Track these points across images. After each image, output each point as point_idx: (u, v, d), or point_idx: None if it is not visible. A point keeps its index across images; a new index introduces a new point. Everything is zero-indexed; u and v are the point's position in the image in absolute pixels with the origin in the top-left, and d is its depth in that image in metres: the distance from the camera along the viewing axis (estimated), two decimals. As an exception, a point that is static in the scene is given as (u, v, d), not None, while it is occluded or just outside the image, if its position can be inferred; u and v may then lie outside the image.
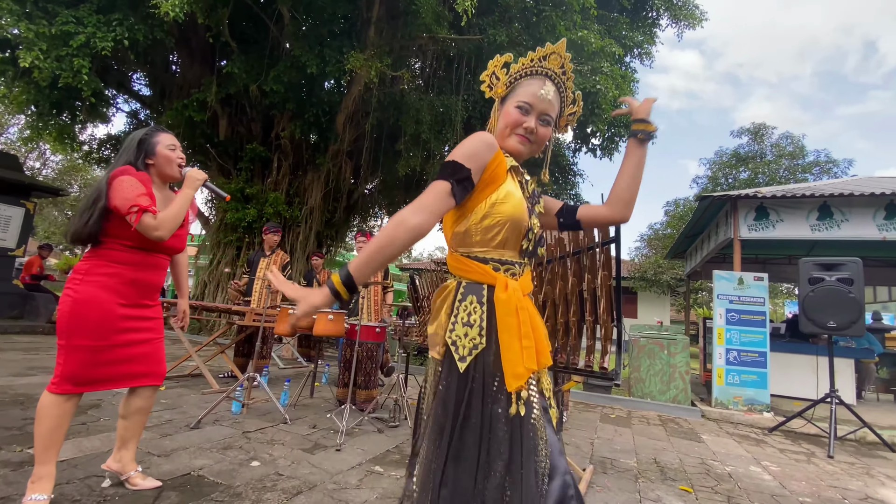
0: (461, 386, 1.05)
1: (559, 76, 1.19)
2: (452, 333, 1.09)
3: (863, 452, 4.03)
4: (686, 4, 9.05)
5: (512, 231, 1.10)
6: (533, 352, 1.06)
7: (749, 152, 17.95)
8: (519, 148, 1.15)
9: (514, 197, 1.11)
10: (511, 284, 1.09)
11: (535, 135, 1.15)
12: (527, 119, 1.14)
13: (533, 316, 1.11)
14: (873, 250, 7.83)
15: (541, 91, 1.14)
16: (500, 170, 1.11)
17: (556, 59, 1.17)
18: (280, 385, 4.07)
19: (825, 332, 4.18)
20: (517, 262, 1.14)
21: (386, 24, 7.93)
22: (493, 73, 1.20)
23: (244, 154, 8.97)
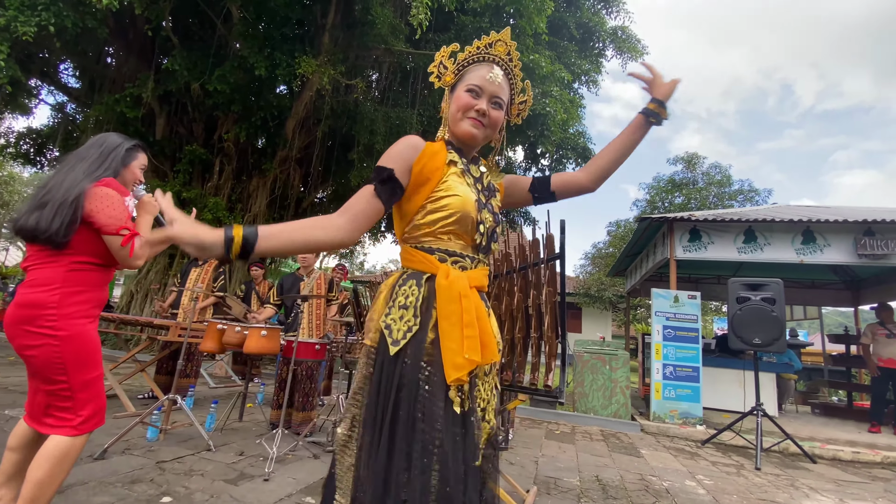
0: (392, 371, 0.98)
1: (506, 62, 1.18)
2: (388, 318, 1.03)
3: (786, 464, 4.28)
4: (629, 38, 9.65)
5: (459, 224, 1.07)
6: (476, 342, 0.99)
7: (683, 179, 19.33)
8: (472, 131, 1.12)
9: (457, 190, 1.07)
10: (454, 273, 1.04)
11: (488, 118, 1.12)
12: (478, 102, 1.12)
13: (479, 307, 1.05)
14: (791, 272, 8.57)
15: (489, 74, 1.13)
16: (433, 164, 1.08)
17: (503, 46, 1.17)
18: (206, 407, 3.73)
19: (751, 348, 4.45)
20: (468, 255, 1.10)
21: (341, 33, 7.80)
22: (441, 63, 1.18)
23: (183, 155, 8.40)
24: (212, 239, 0.85)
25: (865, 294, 8.88)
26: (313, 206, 11.32)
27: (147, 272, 8.48)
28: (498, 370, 1.18)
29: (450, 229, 1.07)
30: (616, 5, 9.70)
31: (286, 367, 3.45)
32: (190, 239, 0.84)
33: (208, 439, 2.93)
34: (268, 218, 9.42)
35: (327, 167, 10.12)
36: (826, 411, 7.68)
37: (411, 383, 0.96)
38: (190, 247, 0.85)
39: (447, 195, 1.06)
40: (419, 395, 0.95)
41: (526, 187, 1.28)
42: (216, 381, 5.72)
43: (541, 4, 6.64)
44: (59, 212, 1.49)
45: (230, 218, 8.36)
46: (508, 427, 3.50)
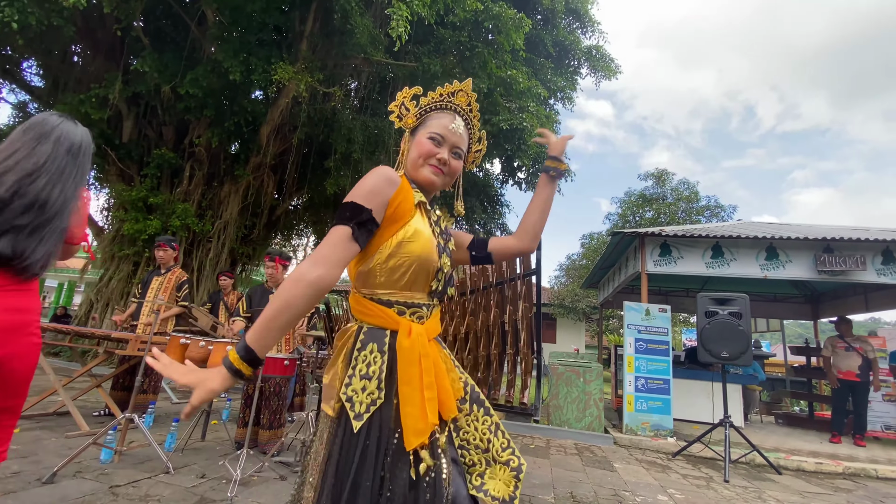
0: (353, 447, 0.93)
1: (467, 113, 1.19)
2: (348, 388, 0.96)
3: (753, 475, 4.38)
4: (603, 57, 9.95)
5: (420, 271, 1.02)
6: (435, 403, 0.96)
7: (653, 194, 19.95)
8: (432, 178, 1.11)
9: (422, 235, 1.03)
10: (416, 330, 1.00)
11: (448, 167, 1.12)
12: (440, 150, 1.11)
13: (437, 363, 1.02)
14: (756, 286, 8.90)
15: (451, 125, 1.13)
16: (405, 206, 1.03)
17: (464, 96, 1.18)
18: (167, 425, 3.54)
19: (719, 361, 4.56)
20: (425, 303, 1.05)
21: (320, 40, 7.74)
22: (403, 105, 1.18)
23: (151, 159, 8.11)
24: (222, 382, 0.84)
25: (824, 308, 9.29)
26: (287, 213, 11.11)
27: (109, 280, 8.09)
28: (484, 397, 1.15)
29: (410, 277, 1.02)
30: (591, 26, 10.00)
31: (252, 383, 3.32)
32: (208, 398, 0.84)
33: (167, 461, 2.77)
34: (239, 225, 9.17)
35: (302, 175, 9.96)
36: (789, 421, 7.93)
37: (373, 455, 0.92)
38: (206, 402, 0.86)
39: (412, 241, 1.01)
40: (379, 465, 0.92)
41: (466, 244, 1.27)
42: (179, 395, 5.46)
43: (519, 22, 6.77)
44: (52, 241, 1.17)
45: (200, 224, 8.09)
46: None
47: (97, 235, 9.10)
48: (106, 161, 8.39)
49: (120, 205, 8.04)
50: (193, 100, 7.24)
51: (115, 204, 8.38)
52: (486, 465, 1.04)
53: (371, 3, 6.98)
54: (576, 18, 9.96)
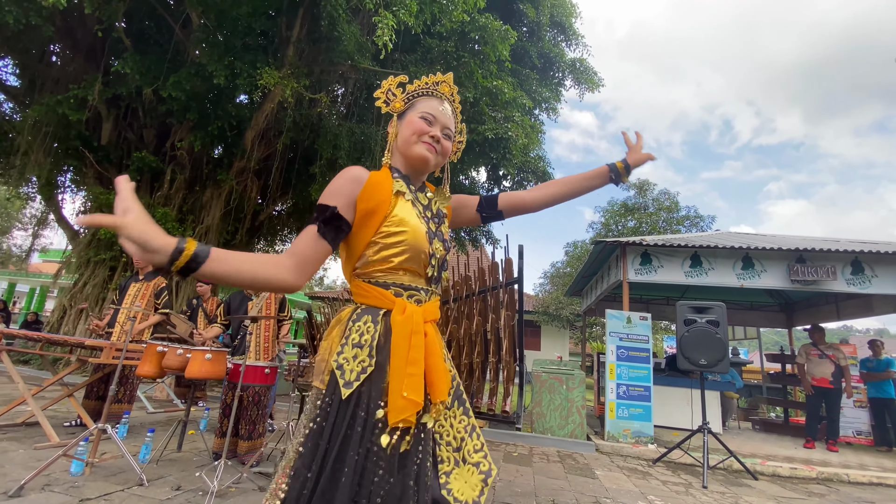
0: (342, 415, 0.92)
1: (452, 101, 1.21)
2: (340, 356, 0.97)
3: (731, 481, 4.46)
4: (587, 70, 10.15)
5: (412, 257, 1.04)
6: (419, 381, 0.96)
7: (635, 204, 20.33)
8: (426, 154, 1.12)
9: (409, 223, 1.04)
10: (410, 308, 1.01)
11: (441, 145, 1.14)
12: (432, 128, 1.12)
13: (432, 343, 1.02)
14: (732, 295, 9.12)
15: (441, 107, 1.16)
16: (379, 196, 1.04)
17: (447, 87, 1.20)
18: (142, 435, 3.44)
19: (698, 368, 4.65)
20: (423, 288, 1.07)
21: (307, 46, 7.72)
22: (389, 90, 1.19)
23: (131, 163, 7.95)
24: (159, 243, 0.77)
25: (798, 316, 9.56)
26: (271, 219, 10.98)
27: (83, 285, 7.86)
28: (467, 398, 1.16)
29: (403, 264, 1.04)
30: (575, 39, 10.21)
31: (231, 392, 3.26)
32: (137, 235, 0.76)
33: (141, 472, 2.69)
34: (221, 230, 9.03)
35: (287, 180, 9.87)
36: (765, 427, 8.11)
37: (362, 424, 0.91)
38: (133, 245, 0.77)
39: (399, 230, 1.03)
40: (365, 436, 0.91)
41: (474, 207, 1.29)
42: (155, 404, 5.32)
43: (504, 34, 6.87)
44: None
45: (180, 229, 7.94)
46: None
47: (72, 239, 8.86)
48: (83, 163, 8.20)
49: (97, 208, 7.85)
50: (176, 103, 7.14)
51: (93, 207, 8.18)
52: (454, 464, 1.04)
53: (358, 11, 7.01)
54: (560, 31, 10.16)
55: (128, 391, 3.92)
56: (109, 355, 3.31)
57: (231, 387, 3.28)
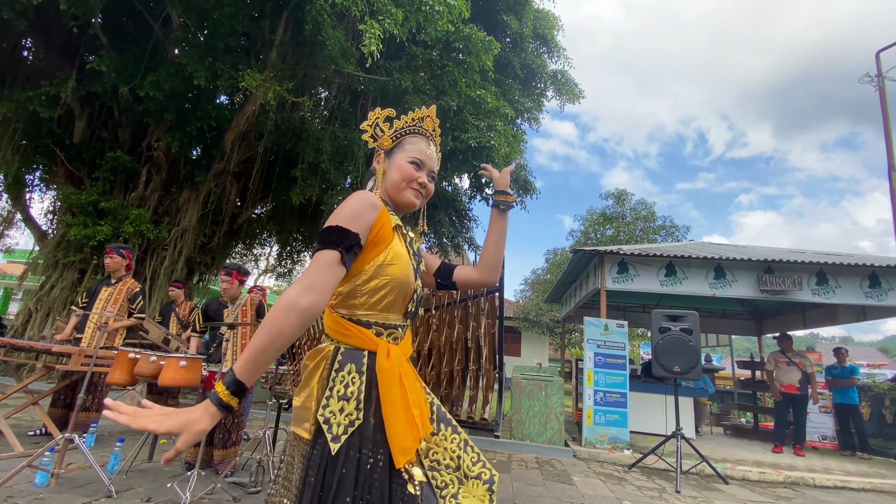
0: (331, 470, 0.92)
1: (434, 138, 1.24)
2: (326, 410, 0.96)
3: (703, 485, 4.57)
4: (568, 82, 10.37)
5: (399, 294, 1.06)
6: (426, 419, 1.02)
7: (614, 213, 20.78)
8: (415, 201, 1.17)
9: (402, 258, 1.06)
10: (393, 351, 1.03)
11: (426, 189, 1.18)
12: (420, 174, 1.16)
13: (414, 382, 1.06)
14: (705, 303, 9.38)
15: (428, 150, 1.19)
16: (386, 229, 1.06)
17: (430, 122, 1.23)
18: (111, 445, 3.34)
19: (672, 375, 4.77)
20: (400, 324, 1.09)
21: (290, 49, 7.67)
22: (377, 125, 1.21)
23: (104, 162, 7.72)
24: (210, 420, 0.81)
25: (767, 324, 9.90)
26: (249, 221, 10.79)
27: (51, 288, 7.57)
28: (449, 413, 1.18)
29: (389, 299, 1.04)
30: (557, 51, 10.42)
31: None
32: (196, 439, 0.80)
33: (109, 484, 2.61)
34: (198, 233, 8.83)
35: (267, 183, 9.74)
36: (736, 432, 8.34)
37: (352, 477, 0.92)
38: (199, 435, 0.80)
39: (393, 264, 1.04)
40: (359, 485, 0.92)
41: (433, 268, 1.31)
42: (126, 413, 5.14)
43: (488, 44, 6.97)
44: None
45: (155, 231, 7.74)
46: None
47: (40, 240, 8.53)
48: (54, 162, 7.93)
49: (67, 208, 7.59)
50: (154, 102, 6.99)
51: (62, 207, 7.90)
52: (458, 484, 1.05)
53: (343, 17, 7.01)
54: (543, 43, 10.36)
55: (96, 399, 3.79)
56: (78, 362, 3.20)
57: (206, 394, 3.21)
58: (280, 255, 12.95)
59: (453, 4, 6.10)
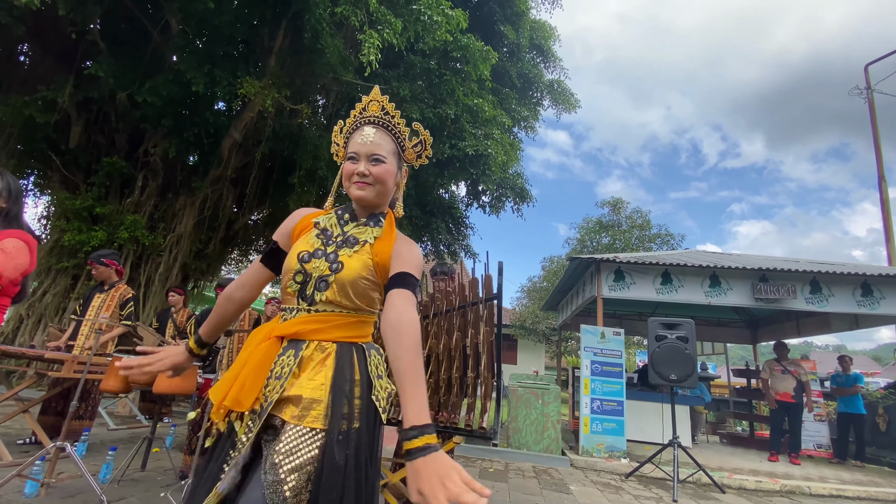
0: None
1: (382, 118, 1.22)
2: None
3: (700, 494, 4.56)
4: (564, 91, 10.49)
5: (287, 280, 1.14)
6: (241, 394, 1.00)
7: (609, 221, 20.90)
8: (359, 193, 1.18)
9: (296, 248, 1.16)
10: (268, 326, 1.13)
11: (371, 176, 1.17)
12: (357, 166, 1.17)
13: (264, 355, 1.05)
14: (701, 311, 9.42)
15: (360, 138, 1.19)
16: (298, 230, 1.23)
17: (376, 105, 1.22)
18: (104, 454, 3.28)
19: (668, 383, 4.77)
20: (293, 307, 1.13)
21: (289, 57, 7.72)
22: (334, 142, 1.30)
23: (100, 167, 7.69)
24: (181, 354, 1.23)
25: (762, 332, 9.95)
26: (246, 228, 10.76)
27: (43, 294, 7.48)
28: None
29: (283, 285, 1.16)
30: (553, 61, 10.55)
31: (202, 408, 3.16)
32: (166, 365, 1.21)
33: (101, 493, 2.56)
34: (194, 239, 8.79)
35: (264, 189, 9.72)
36: (732, 441, 8.34)
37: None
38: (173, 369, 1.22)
39: (290, 257, 1.16)
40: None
41: (389, 275, 1.14)
42: (117, 421, 5.08)
43: (486, 54, 7.05)
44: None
45: (150, 237, 7.70)
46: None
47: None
48: (49, 167, 7.88)
49: (62, 213, 7.54)
50: (151, 108, 6.98)
51: (56, 212, 7.85)
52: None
53: (342, 25, 7.07)
54: (539, 53, 10.48)
55: (89, 407, 3.74)
56: (71, 369, 3.16)
57: (201, 403, 3.17)
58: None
59: (451, 15, 6.17)
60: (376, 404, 1.07)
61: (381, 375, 1.12)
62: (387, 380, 1.13)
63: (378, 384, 1.09)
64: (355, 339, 1.12)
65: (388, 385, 1.14)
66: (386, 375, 1.14)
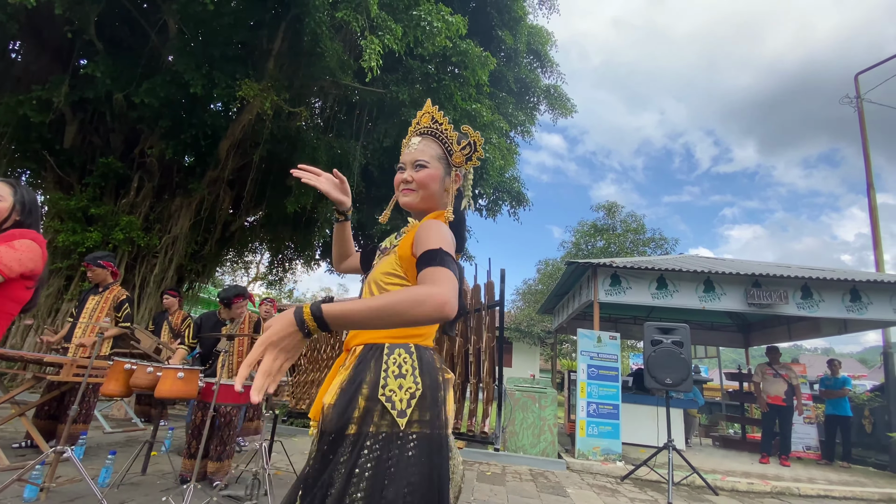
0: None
1: (430, 127, 1.29)
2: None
3: (693, 496, 4.62)
4: (561, 96, 10.58)
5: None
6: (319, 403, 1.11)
7: (604, 225, 21.05)
8: (404, 199, 1.26)
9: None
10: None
11: (414, 182, 1.24)
12: (403, 175, 1.26)
13: (337, 367, 1.18)
14: (695, 315, 9.52)
15: (407, 149, 1.29)
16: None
17: (427, 117, 1.31)
18: (101, 457, 3.27)
19: (663, 388, 4.83)
20: None
21: (287, 60, 7.73)
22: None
23: (95, 168, 7.64)
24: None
25: (754, 336, 10.08)
26: (242, 229, 10.73)
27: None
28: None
29: None
30: (550, 66, 10.64)
31: (202, 412, 3.16)
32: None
33: (101, 497, 2.56)
34: (190, 240, 8.76)
35: (261, 191, 9.70)
36: (724, 443, 8.43)
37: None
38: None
39: None
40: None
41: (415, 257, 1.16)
42: (113, 424, 5.04)
43: (484, 59, 7.11)
44: None
45: (146, 238, 7.66)
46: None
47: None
48: (43, 167, 7.82)
49: (55, 214, 7.48)
50: (148, 109, 6.96)
51: (50, 213, 7.79)
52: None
53: (341, 28, 7.09)
54: (536, 58, 10.57)
55: (85, 410, 3.72)
56: (70, 372, 3.15)
57: (202, 406, 3.17)
58: (271, 263, 12.87)
59: (451, 21, 6.22)
60: (386, 405, 1.00)
61: (402, 374, 1.05)
62: (410, 379, 1.05)
63: (394, 383, 1.03)
64: (389, 339, 1.10)
65: (412, 385, 1.04)
66: (413, 374, 1.06)
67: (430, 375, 1.07)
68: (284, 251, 12.40)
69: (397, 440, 0.98)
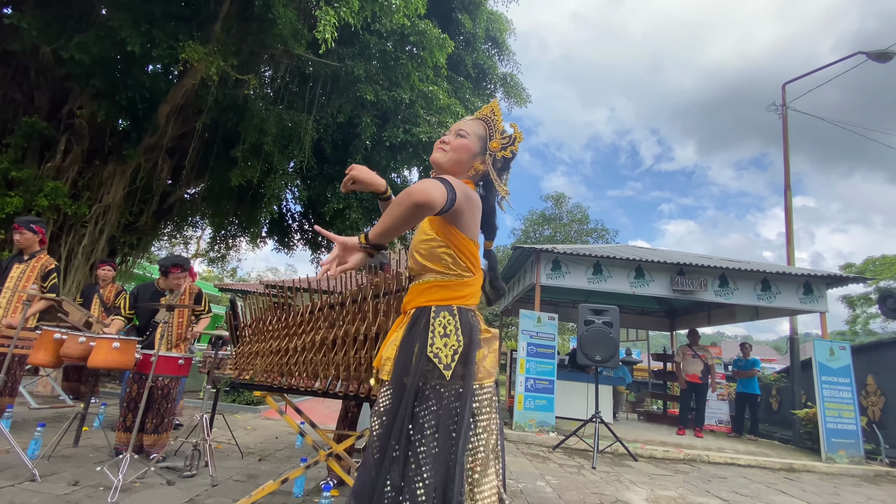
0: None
1: (484, 115, 1.49)
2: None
3: (616, 462, 5.11)
4: (517, 85, 10.78)
5: None
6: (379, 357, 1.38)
7: (552, 215, 21.90)
8: (435, 155, 1.42)
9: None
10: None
11: (449, 144, 1.41)
12: (445, 136, 1.44)
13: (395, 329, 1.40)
14: (627, 301, 10.24)
15: (464, 121, 1.47)
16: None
17: (487, 108, 1.50)
18: (29, 431, 3.14)
19: (594, 364, 5.26)
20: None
21: (236, 24, 7.34)
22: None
23: (17, 127, 6.94)
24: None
25: (679, 321, 11.02)
26: (182, 202, 10.16)
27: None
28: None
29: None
30: (507, 55, 10.79)
31: (137, 384, 3.11)
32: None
33: (32, 468, 2.49)
34: (124, 211, 8.22)
35: (204, 162, 9.20)
36: (648, 418, 9.26)
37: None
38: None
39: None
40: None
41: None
42: (39, 400, 4.77)
43: (442, 42, 7.12)
44: None
45: (74, 206, 7.11)
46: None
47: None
48: (-49, 123, 7.01)
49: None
50: (79, 66, 6.39)
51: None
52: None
53: (296, -4, 6.83)
54: (494, 45, 10.67)
55: (10, 383, 3.52)
56: (-8, 343, 2.97)
57: (137, 379, 3.12)
58: (213, 239, 12.25)
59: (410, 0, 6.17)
60: (434, 361, 1.20)
61: (446, 335, 1.24)
62: (454, 338, 1.24)
63: (440, 342, 1.23)
64: (435, 302, 1.30)
65: (456, 343, 1.23)
66: (456, 333, 1.25)
67: (470, 335, 1.26)
68: (228, 227, 11.84)
69: (443, 390, 1.18)
